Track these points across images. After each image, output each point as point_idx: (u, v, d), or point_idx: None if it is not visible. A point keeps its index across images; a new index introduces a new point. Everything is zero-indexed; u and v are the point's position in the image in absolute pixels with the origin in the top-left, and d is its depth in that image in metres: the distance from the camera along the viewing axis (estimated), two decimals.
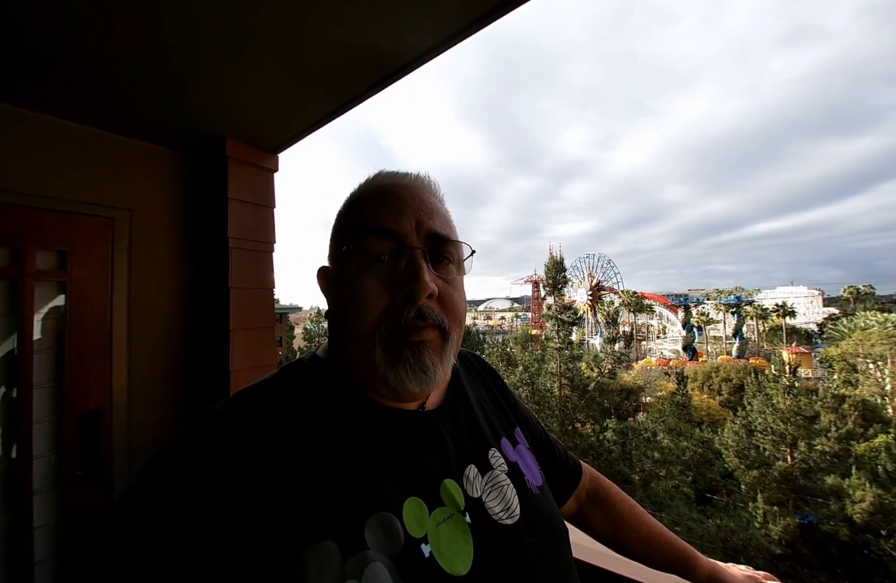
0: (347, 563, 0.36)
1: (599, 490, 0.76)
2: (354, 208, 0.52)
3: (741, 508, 10.03)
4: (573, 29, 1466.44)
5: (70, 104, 1.40)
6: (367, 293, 0.46)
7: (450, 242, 0.51)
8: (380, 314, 0.45)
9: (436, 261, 0.49)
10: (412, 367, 0.44)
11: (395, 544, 0.39)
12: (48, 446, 1.39)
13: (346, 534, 0.38)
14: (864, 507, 8.60)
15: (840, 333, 27.82)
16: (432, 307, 0.46)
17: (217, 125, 1.61)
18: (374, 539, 0.39)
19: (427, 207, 0.50)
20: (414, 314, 0.45)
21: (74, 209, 1.51)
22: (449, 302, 0.49)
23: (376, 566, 0.37)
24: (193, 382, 1.76)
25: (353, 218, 0.51)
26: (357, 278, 0.47)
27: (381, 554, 0.38)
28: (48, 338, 1.43)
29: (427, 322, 0.46)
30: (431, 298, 0.46)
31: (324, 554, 0.36)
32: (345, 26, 1.08)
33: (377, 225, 0.48)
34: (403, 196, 0.50)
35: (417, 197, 0.51)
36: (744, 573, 0.71)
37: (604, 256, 53.08)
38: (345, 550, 0.37)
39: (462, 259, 0.53)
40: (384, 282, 0.46)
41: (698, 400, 19.07)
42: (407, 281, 0.45)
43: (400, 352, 0.45)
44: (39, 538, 1.34)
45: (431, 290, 0.45)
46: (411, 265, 0.46)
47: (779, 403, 10.58)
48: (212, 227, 1.78)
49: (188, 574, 0.34)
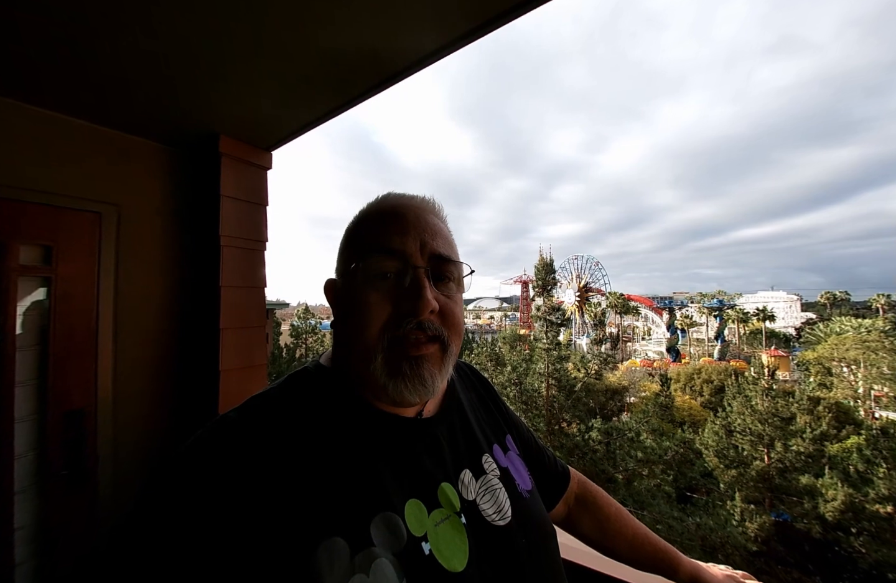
0: (356, 558, 0.39)
1: (587, 494, 0.78)
2: (362, 227, 0.55)
3: (720, 506, 10.28)
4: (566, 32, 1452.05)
5: (56, 95, 1.36)
6: (370, 305, 0.49)
7: (451, 262, 0.54)
8: (382, 325, 0.48)
9: (437, 279, 0.52)
10: (410, 380, 0.47)
11: (398, 542, 0.42)
12: (31, 444, 1.36)
13: (354, 531, 0.41)
14: (835, 505, 8.91)
15: (817, 337, 28.71)
16: (433, 321, 0.49)
17: (210, 121, 1.59)
18: (379, 537, 0.41)
19: (431, 229, 0.53)
20: (414, 325, 0.48)
21: (60, 203, 1.47)
22: (450, 316, 0.51)
23: (382, 562, 0.40)
24: (182, 381, 1.74)
25: (362, 236, 0.54)
26: (362, 292, 0.50)
27: (386, 551, 0.41)
28: (32, 334, 1.40)
29: (426, 334, 0.48)
30: (433, 313, 0.49)
31: (335, 549, 0.39)
32: (342, 29, 1.08)
33: (384, 245, 0.51)
34: (409, 217, 0.53)
35: (422, 218, 0.54)
36: (723, 573, 0.74)
37: (592, 258, 53.72)
38: (353, 546, 0.40)
39: (462, 277, 0.56)
40: (387, 296, 0.49)
41: (681, 401, 19.44)
42: (410, 297, 0.48)
43: (399, 365, 0.48)
44: (21, 539, 1.31)
45: (433, 306, 0.48)
46: (415, 283, 0.49)
47: (757, 405, 10.88)
48: (203, 224, 1.75)
49: (210, 572, 0.36)
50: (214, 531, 0.37)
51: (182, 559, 0.36)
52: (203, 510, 0.38)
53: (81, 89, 1.34)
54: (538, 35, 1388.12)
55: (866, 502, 8.81)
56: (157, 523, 0.38)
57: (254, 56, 1.18)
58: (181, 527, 0.37)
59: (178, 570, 0.36)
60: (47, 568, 1.36)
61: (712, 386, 21.39)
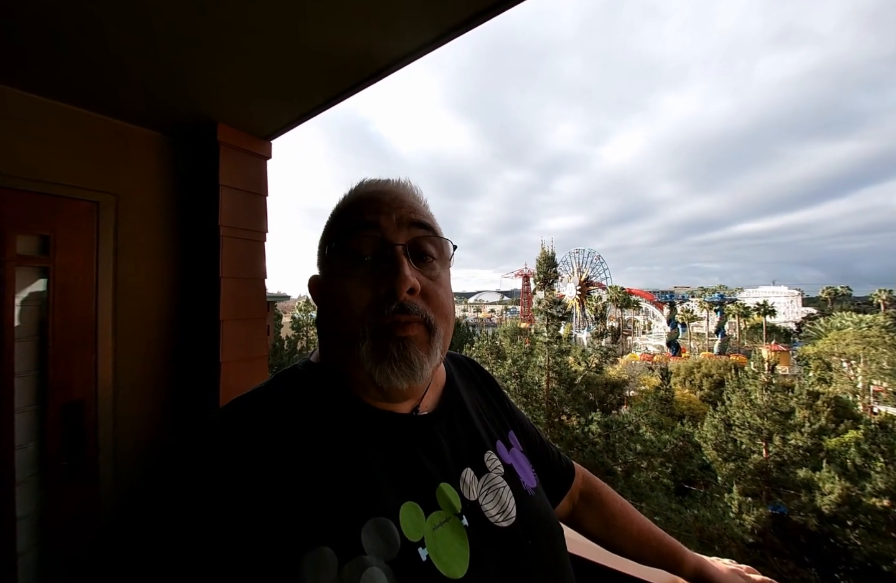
0: (344, 568, 0.36)
1: (592, 490, 0.77)
2: (338, 217, 0.53)
3: (717, 498, 10.39)
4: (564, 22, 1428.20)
5: (52, 82, 1.33)
6: (349, 293, 0.46)
7: (432, 238, 0.51)
8: (363, 312, 0.45)
9: (419, 258, 0.49)
10: (397, 362, 0.44)
11: (391, 549, 0.39)
12: (31, 435, 1.36)
13: (342, 539, 0.38)
14: (832, 499, 9.00)
15: (817, 332, 28.69)
16: (416, 303, 0.46)
17: (207, 109, 1.55)
18: (370, 544, 0.39)
19: (409, 206, 0.51)
20: (396, 308, 0.44)
21: (57, 192, 1.45)
22: (433, 297, 0.49)
23: (373, 571, 0.37)
24: (182, 373, 1.73)
25: (336, 223, 0.52)
26: (340, 280, 0.48)
27: (378, 559, 0.38)
28: (30, 325, 1.39)
29: (411, 317, 0.45)
30: (414, 293, 0.46)
31: (320, 560, 0.36)
32: (338, 19, 1.06)
33: (358, 221, 0.48)
34: (384, 199, 0.51)
35: (398, 199, 0.51)
36: (728, 567, 0.73)
37: (593, 252, 53.51)
38: (341, 555, 0.37)
39: (447, 256, 0.53)
40: (366, 281, 0.46)
41: (680, 395, 19.55)
42: (387, 276, 0.45)
43: (385, 348, 0.45)
44: (22, 529, 1.31)
45: (412, 284, 0.45)
46: (392, 261, 0.46)
47: (757, 399, 10.92)
48: (202, 214, 1.73)
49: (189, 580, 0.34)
50: (193, 544, 0.35)
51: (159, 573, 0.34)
52: (179, 521, 0.36)
53: (79, 78, 1.31)
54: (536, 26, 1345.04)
55: (863, 496, 8.90)
56: (135, 536, 0.37)
57: (250, 45, 1.16)
58: (159, 540, 0.36)
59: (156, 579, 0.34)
60: (49, 558, 1.37)
61: (712, 380, 21.47)
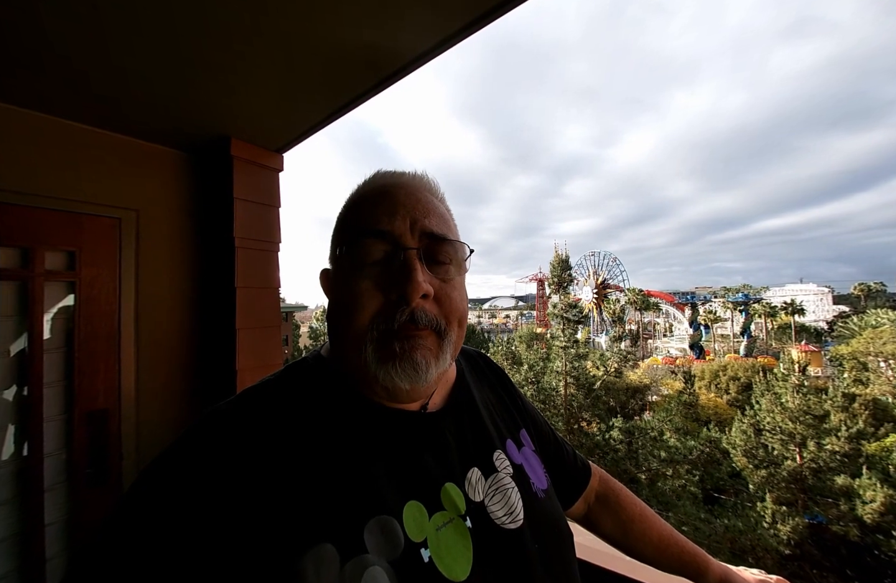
0: (346, 566, 0.36)
1: (609, 492, 0.75)
2: (352, 210, 0.52)
3: (749, 508, 9.95)
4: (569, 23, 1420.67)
5: (76, 106, 1.41)
6: (360, 294, 0.45)
7: (446, 242, 0.49)
8: (372, 315, 0.45)
9: (432, 261, 0.48)
10: (401, 363, 0.44)
11: (394, 549, 0.39)
12: (59, 444, 1.41)
13: (345, 537, 0.38)
14: (874, 507, 8.50)
15: (850, 331, 27.45)
16: (427, 309, 0.46)
17: (221, 125, 1.61)
18: (373, 543, 0.38)
19: (423, 206, 0.49)
20: (407, 317, 0.44)
21: (82, 210, 1.52)
22: (447, 301, 0.48)
23: (375, 570, 0.37)
24: (200, 380, 1.77)
25: (350, 220, 0.51)
26: (352, 279, 0.47)
27: (380, 558, 0.38)
28: (58, 337, 1.45)
29: (420, 330, 0.45)
30: (426, 298, 0.46)
31: (322, 557, 0.36)
32: (343, 29, 1.08)
33: (371, 227, 0.47)
34: (399, 196, 0.49)
35: (413, 196, 0.50)
36: (756, 577, 0.70)
37: (609, 254, 52.77)
38: (344, 553, 0.37)
39: (462, 259, 0.52)
40: (378, 283, 0.46)
41: (705, 399, 18.91)
42: (400, 282, 0.44)
43: (392, 350, 0.44)
44: (51, 535, 1.36)
45: (425, 290, 0.44)
46: (405, 266, 0.45)
47: (788, 403, 10.47)
48: (218, 226, 1.79)
49: (188, 575, 0.34)
50: (195, 535, 0.35)
51: (159, 562, 0.34)
52: (181, 514, 0.36)
53: (98, 100, 1.38)
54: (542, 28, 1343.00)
55: None
56: (137, 524, 0.37)
57: (261, 59, 1.19)
58: (157, 530, 0.36)
59: (154, 573, 0.34)
60: None
61: (739, 383, 20.70)
